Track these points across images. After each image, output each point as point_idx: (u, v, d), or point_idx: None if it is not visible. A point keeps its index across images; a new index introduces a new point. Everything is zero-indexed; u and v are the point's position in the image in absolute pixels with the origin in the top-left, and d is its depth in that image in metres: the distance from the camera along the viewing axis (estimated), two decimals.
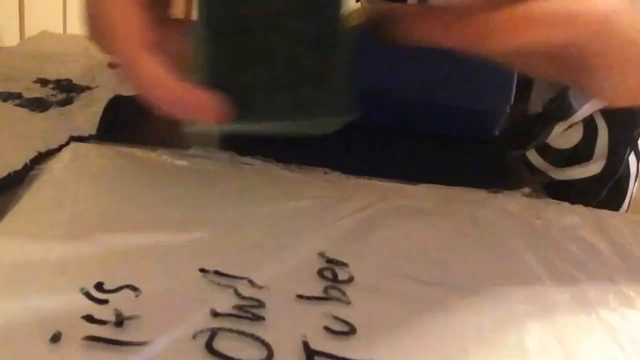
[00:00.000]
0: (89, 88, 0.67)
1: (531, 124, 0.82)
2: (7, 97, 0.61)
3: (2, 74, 0.69)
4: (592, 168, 0.74)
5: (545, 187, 0.65)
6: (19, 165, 0.45)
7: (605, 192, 0.71)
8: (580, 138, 0.76)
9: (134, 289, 0.32)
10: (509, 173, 0.66)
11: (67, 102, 0.62)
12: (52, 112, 0.58)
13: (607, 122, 0.75)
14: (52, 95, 0.64)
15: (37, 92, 0.64)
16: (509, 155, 0.71)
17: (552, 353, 0.33)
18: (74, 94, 0.65)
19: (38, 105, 0.60)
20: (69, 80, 0.69)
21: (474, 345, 0.33)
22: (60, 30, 1.48)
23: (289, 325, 0.32)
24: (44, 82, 0.68)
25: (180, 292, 0.33)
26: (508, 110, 0.71)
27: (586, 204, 0.51)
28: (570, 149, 0.76)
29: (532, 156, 0.78)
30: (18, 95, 0.62)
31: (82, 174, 0.44)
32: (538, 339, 0.34)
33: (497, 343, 0.33)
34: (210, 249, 0.37)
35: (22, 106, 0.59)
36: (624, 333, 0.36)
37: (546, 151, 0.78)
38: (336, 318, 0.33)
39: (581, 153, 0.76)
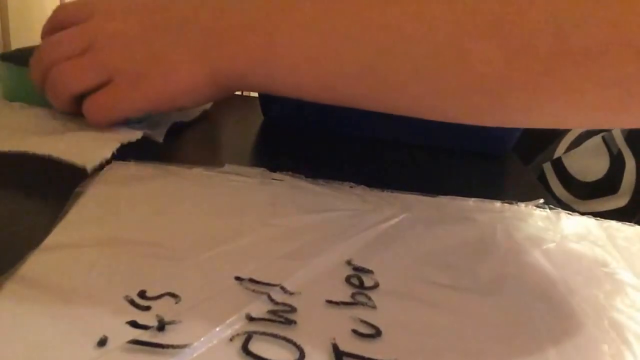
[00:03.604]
0: None
1: (539, 134, 0.81)
2: None
3: None
4: (618, 201, 0.73)
5: None
6: (108, 155, 0.48)
7: None
8: (607, 171, 0.75)
9: (174, 296, 0.33)
10: (522, 186, 0.66)
11: None
12: None
13: (635, 157, 0.74)
14: None
15: None
16: (523, 169, 0.71)
17: (566, 354, 0.33)
18: None
19: None
20: None
21: (493, 346, 0.33)
22: None
23: (319, 328, 0.32)
24: None
25: (217, 298, 0.33)
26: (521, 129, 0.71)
27: None
28: (596, 181, 0.75)
29: (557, 188, 0.77)
30: None
31: (123, 190, 0.45)
32: (553, 340, 0.34)
33: (515, 345, 0.33)
34: (244, 258, 0.37)
35: None
36: (631, 332, 0.36)
37: (570, 184, 0.77)
38: (363, 321, 0.33)
39: (607, 186, 0.74)
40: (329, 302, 0.34)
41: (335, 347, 0.30)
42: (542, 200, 0.53)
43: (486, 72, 0.38)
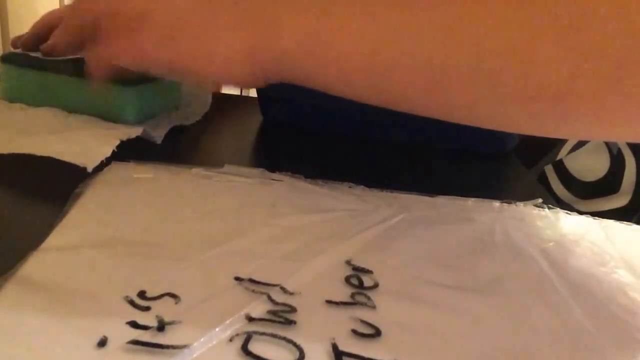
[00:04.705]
0: None
1: (542, 138, 0.81)
2: None
3: None
4: (618, 201, 0.73)
5: None
6: (108, 152, 0.48)
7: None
8: (607, 171, 0.74)
9: (174, 296, 0.33)
10: (522, 186, 0.66)
11: None
12: None
13: (635, 155, 0.74)
14: None
15: None
16: (522, 169, 0.71)
17: (565, 353, 0.33)
18: None
19: None
20: None
21: (492, 346, 0.33)
22: None
23: (319, 328, 0.32)
24: None
25: (217, 299, 0.33)
26: None
27: None
28: (596, 181, 0.75)
29: (557, 188, 0.77)
30: None
31: (123, 190, 0.45)
32: (552, 340, 0.34)
33: (514, 344, 0.33)
34: (244, 258, 0.37)
35: None
36: (631, 330, 0.36)
37: (571, 183, 0.77)
38: (362, 321, 0.33)
39: (607, 185, 0.74)
40: (329, 302, 0.34)
41: (335, 347, 0.30)
42: (540, 200, 0.53)
43: (550, 78, 0.36)
